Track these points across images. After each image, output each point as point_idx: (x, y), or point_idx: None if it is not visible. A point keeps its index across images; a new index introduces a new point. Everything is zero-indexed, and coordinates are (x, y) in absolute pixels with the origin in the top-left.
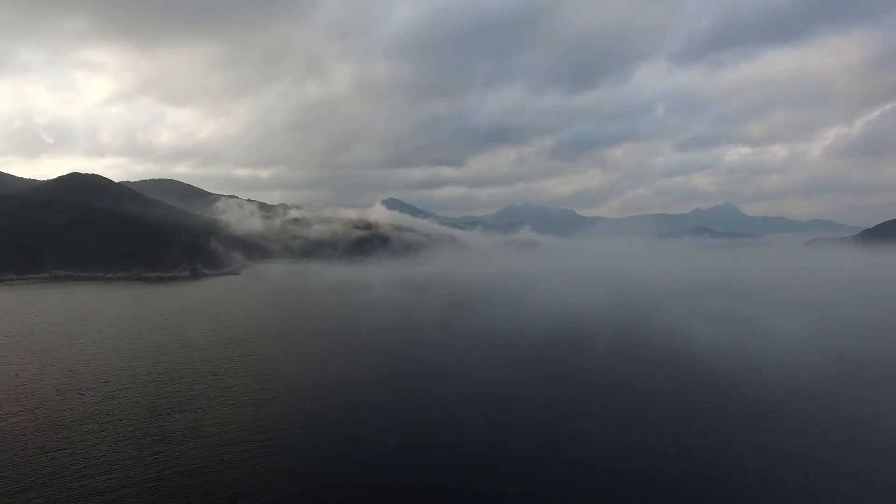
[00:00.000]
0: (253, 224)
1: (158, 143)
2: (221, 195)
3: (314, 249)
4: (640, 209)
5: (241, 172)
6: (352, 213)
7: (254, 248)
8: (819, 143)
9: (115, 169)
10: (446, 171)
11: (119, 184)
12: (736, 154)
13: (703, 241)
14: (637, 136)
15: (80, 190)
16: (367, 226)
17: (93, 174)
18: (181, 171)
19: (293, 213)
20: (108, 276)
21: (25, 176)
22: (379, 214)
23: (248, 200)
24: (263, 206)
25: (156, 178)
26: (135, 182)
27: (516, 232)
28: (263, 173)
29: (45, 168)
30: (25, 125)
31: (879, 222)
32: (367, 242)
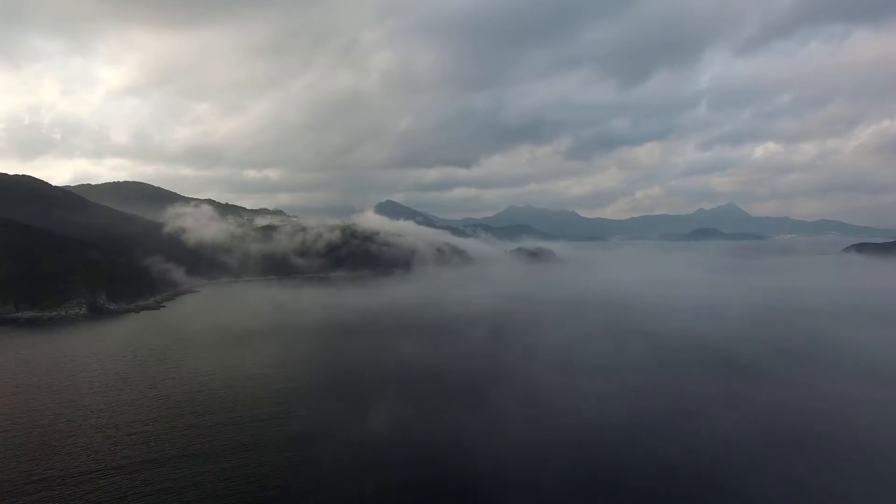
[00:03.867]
0: (209, 233)
1: (172, 140)
2: (182, 197)
3: (281, 263)
4: (644, 210)
5: (252, 175)
6: (336, 220)
7: (205, 264)
8: (854, 140)
9: (119, 170)
10: (461, 173)
11: (58, 187)
12: (763, 151)
13: (715, 245)
14: (670, 134)
15: None
16: (352, 234)
17: (23, 175)
18: (184, 174)
19: (263, 220)
20: None
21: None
22: (370, 221)
23: (208, 202)
24: (229, 210)
25: (132, 180)
26: (97, 185)
27: (520, 238)
28: (273, 174)
29: (50, 170)
30: (32, 121)
31: (888, 223)
32: (344, 253)
